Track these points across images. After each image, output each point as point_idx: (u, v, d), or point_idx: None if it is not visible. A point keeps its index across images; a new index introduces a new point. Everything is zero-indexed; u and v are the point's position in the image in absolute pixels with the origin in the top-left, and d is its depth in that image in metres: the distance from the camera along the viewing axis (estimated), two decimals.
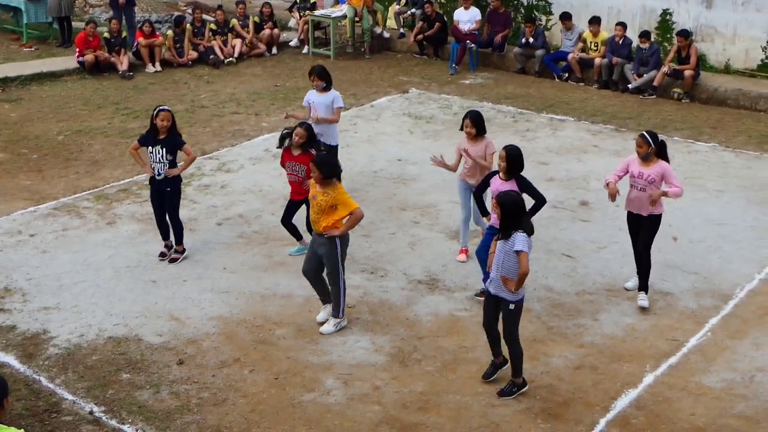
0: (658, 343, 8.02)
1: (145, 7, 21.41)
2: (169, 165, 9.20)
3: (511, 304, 7.01)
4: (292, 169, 9.33)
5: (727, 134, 13.79)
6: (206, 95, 15.69)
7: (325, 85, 10.64)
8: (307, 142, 9.20)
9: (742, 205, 11.05)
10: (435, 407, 7.08)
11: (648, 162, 8.44)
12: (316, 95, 10.66)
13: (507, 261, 6.91)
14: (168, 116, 9.11)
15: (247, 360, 7.70)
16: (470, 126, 9.10)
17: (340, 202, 7.78)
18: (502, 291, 7.00)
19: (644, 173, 8.41)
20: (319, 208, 7.81)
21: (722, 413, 7.04)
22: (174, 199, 9.36)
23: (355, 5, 18.63)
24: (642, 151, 8.43)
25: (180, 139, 9.29)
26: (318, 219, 7.86)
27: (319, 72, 10.68)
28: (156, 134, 9.16)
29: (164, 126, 9.10)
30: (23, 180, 11.69)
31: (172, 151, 9.20)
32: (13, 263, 9.37)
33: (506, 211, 6.91)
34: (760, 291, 8.99)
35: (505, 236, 6.92)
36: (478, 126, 9.13)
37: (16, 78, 16.15)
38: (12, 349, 7.82)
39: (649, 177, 8.38)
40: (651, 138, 8.46)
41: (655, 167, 8.42)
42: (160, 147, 9.13)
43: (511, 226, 6.90)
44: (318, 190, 7.82)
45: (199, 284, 8.99)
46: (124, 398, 7.15)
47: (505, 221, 6.93)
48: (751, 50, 16.26)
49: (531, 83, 16.80)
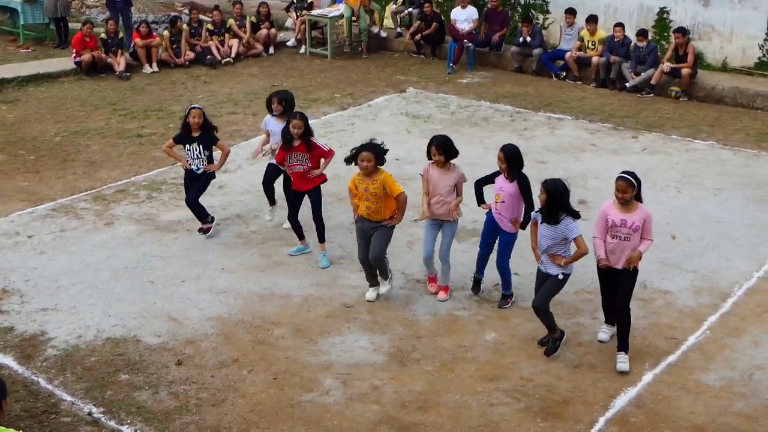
0: (657, 342, 8.02)
1: (142, 8, 21.39)
2: (207, 160, 9.77)
3: (560, 275, 7.56)
4: (295, 160, 9.21)
5: (725, 132, 13.80)
6: (203, 95, 15.67)
7: (284, 111, 9.77)
8: (306, 130, 9.17)
9: (741, 203, 11.06)
10: (434, 407, 7.07)
11: (629, 207, 7.40)
12: (275, 123, 9.82)
13: (555, 246, 7.46)
14: (199, 113, 9.60)
15: (246, 360, 7.69)
16: (437, 153, 8.20)
17: (387, 185, 8.16)
18: (551, 267, 7.57)
19: (627, 221, 7.35)
20: (376, 198, 8.17)
21: (721, 411, 7.04)
22: (202, 188, 9.97)
23: (352, 5, 18.62)
24: (627, 195, 7.33)
25: (214, 135, 9.83)
26: (379, 209, 8.23)
27: (283, 97, 9.85)
28: (190, 132, 9.62)
29: (197, 123, 9.57)
30: (20, 181, 11.68)
31: (208, 147, 9.75)
32: (11, 264, 9.35)
33: (553, 197, 7.35)
34: (759, 289, 8.99)
35: (553, 221, 7.39)
36: (447, 152, 8.24)
37: (13, 79, 16.13)
38: (10, 351, 7.80)
39: (633, 225, 7.34)
40: (634, 179, 7.36)
41: (638, 213, 7.38)
42: (196, 144, 9.65)
43: (558, 210, 7.37)
44: (367, 182, 8.16)
45: (197, 285, 8.98)
46: (123, 399, 7.14)
47: (552, 207, 7.36)
48: (748, 48, 16.27)
49: (528, 82, 16.80)
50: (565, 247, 7.50)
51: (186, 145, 9.72)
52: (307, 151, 9.15)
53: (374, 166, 8.13)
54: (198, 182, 9.92)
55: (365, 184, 8.18)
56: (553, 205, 7.37)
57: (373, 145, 8.24)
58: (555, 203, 7.36)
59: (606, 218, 7.43)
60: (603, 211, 7.48)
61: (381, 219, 8.27)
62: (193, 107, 9.71)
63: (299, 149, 9.16)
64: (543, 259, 7.59)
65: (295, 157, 9.21)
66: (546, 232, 7.48)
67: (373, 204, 8.21)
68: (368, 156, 8.09)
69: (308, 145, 9.15)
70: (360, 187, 8.25)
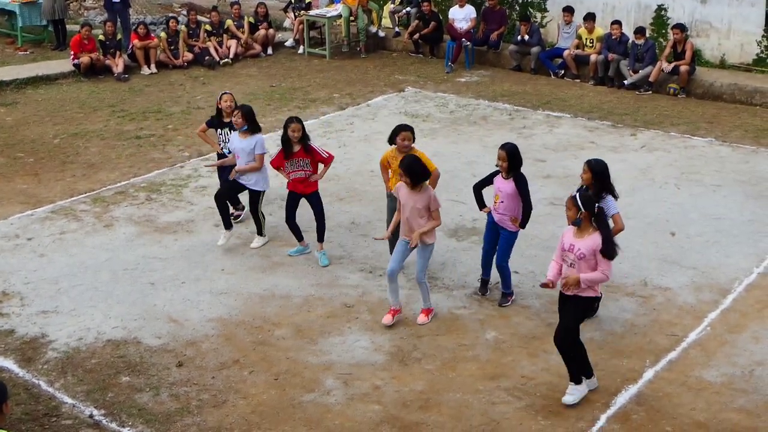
0: (657, 339, 8.02)
1: (140, 9, 21.38)
2: None
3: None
4: (297, 166, 9.22)
5: (724, 129, 13.80)
6: (202, 96, 15.67)
7: (247, 127, 9.39)
8: (304, 134, 9.16)
9: (740, 199, 11.06)
10: (435, 406, 7.07)
11: (582, 231, 6.89)
12: (238, 139, 9.46)
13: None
14: (231, 98, 9.92)
15: (247, 361, 7.69)
16: (403, 175, 7.93)
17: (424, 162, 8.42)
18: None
19: (575, 246, 6.87)
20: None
21: (722, 408, 7.04)
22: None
23: (350, 4, 18.61)
24: (570, 214, 6.89)
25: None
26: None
27: (247, 111, 9.41)
28: (221, 117, 9.92)
29: (229, 108, 9.80)
30: (20, 184, 11.67)
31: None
32: (11, 267, 9.35)
33: (597, 176, 7.74)
34: (759, 285, 8.99)
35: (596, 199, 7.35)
36: (413, 176, 7.85)
37: (11, 81, 16.12)
38: (11, 354, 7.80)
39: (579, 252, 6.85)
40: (581, 201, 6.82)
41: (588, 240, 6.81)
42: (228, 129, 9.86)
43: (602, 189, 7.74)
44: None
45: (197, 286, 8.98)
46: (124, 401, 7.14)
47: (596, 185, 7.72)
48: (746, 45, 16.27)
49: (527, 80, 16.79)
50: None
51: (217, 129, 10.00)
52: (308, 155, 9.14)
53: (411, 144, 8.72)
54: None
55: (397, 161, 8.56)
56: (597, 183, 7.74)
57: (410, 126, 8.87)
58: (599, 181, 7.74)
59: (562, 240, 7.06)
60: (564, 232, 7.09)
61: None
62: (225, 92, 10.02)
63: (299, 155, 9.15)
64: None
65: (297, 163, 9.19)
66: None
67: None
68: (407, 135, 8.70)
69: (306, 149, 9.14)
70: (394, 164, 8.73)
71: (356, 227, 10.33)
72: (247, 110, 9.46)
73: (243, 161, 9.41)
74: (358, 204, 11.00)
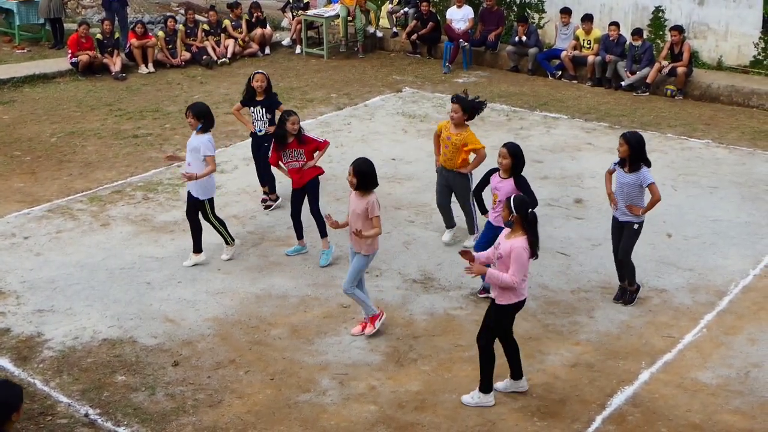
0: (653, 340, 8.03)
1: (138, 8, 21.36)
2: (269, 123, 10.32)
3: (635, 224, 8.38)
4: (291, 157, 9.27)
5: (721, 130, 13.81)
6: (199, 95, 15.64)
7: (201, 126, 9.00)
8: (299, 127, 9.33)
9: (736, 201, 11.07)
10: (431, 406, 7.07)
11: (512, 233, 6.85)
12: (193, 137, 9.09)
13: (632, 192, 8.25)
14: (263, 78, 10.28)
15: (243, 361, 7.69)
16: (350, 174, 7.73)
17: (469, 142, 9.14)
18: (628, 217, 8.34)
19: (500, 245, 6.91)
20: (454, 148, 9.13)
21: (718, 409, 7.05)
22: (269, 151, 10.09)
23: (348, 4, 18.61)
24: (504, 215, 6.92)
25: (276, 100, 10.51)
26: (453, 157, 9.20)
27: (197, 111, 8.97)
28: (254, 95, 10.31)
29: (261, 87, 10.23)
30: (16, 182, 11.66)
31: (270, 110, 10.35)
32: (7, 266, 9.34)
33: (633, 147, 8.18)
34: (755, 287, 9.00)
35: (633, 169, 8.21)
36: (361, 178, 7.66)
37: (8, 80, 16.11)
38: (6, 352, 7.80)
39: (499, 251, 6.87)
40: (514, 204, 6.76)
41: (511, 242, 6.79)
42: (260, 107, 10.32)
43: (638, 160, 8.20)
44: (452, 132, 9.15)
45: (193, 285, 8.98)
46: (120, 400, 7.13)
47: (633, 156, 8.19)
48: (743, 46, 16.29)
49: (524, 81, 16.80)
50: (641, 194, 8.29)
51: (250, 107, 10.36)
52: (301, 145, 9.20)
53: (461, 117, 9.06)
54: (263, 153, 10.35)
55: (448, 133, 9.17)
56: (634, 155, 8.18)
57: (462, 97, 9.17)
58: (635, 152, 8.18)
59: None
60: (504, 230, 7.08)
61: (453, 167, 9.25)
62: (257, 72, 10.34)
63: (293, 146, 9.22)
64: (620, 206, 8.35)
65: (290, 153, 9.25)
66: (625, 179, 8.29)
67: (449, 152, 9.22)
68: (456, 107, 9.06)
69: (300, 139, 9.20)
70: (444, 134, 9.23)
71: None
72: (197, 109, 9.02)
73: (194, 164, 8.99)
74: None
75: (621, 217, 8.43)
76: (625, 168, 8.32)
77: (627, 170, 8.30)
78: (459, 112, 9.04)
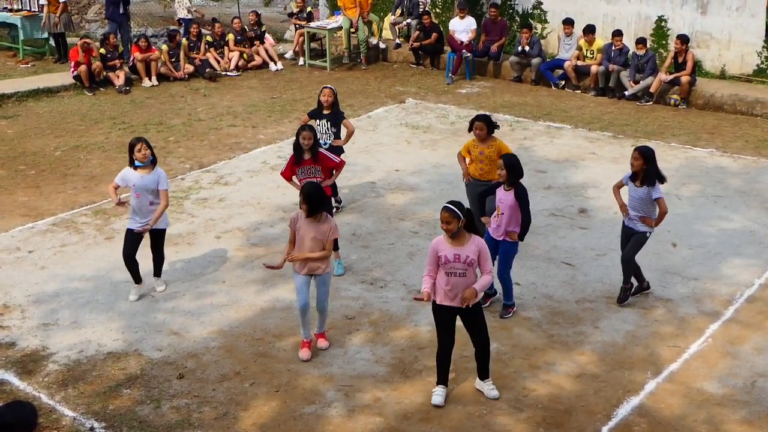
0: (659, 350, 8.01)
1: (141, 22, 21.45)
2: (334, 136, 10.55)
3: (647, 233, 8.58)
4: (308, 173, 9.20)
5: (725, 140, 13.81)
6: (203, 108, 15.70)
7: (152, 158, 8.74)
8: (315, 142, 9.19)
9: (741, 210, 11.05)
10: (437, 418, 7.06)
11: (460, 240, 6.87)
12: (137, 176, 8.65)
13: (645, 205, 8.43)
14: (330, 92, 10.54)
15: (248, 373, 7.68)
16: (302, 202, 7.53)
17: (503, 149, 9.43)
18: (640, 226, 8.52)
19: (461, 255, 6.84)
20: (489, 161, 9.40)
21: (724, 419, 7.02)
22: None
23: (351, 16, 18.68)
24: (451, 227, 6.81)
25: (342, 113, 10.73)
26: (490, 170, 9.35)
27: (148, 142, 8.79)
28: (321, 109, 10.56)
29: (328, 101, 10.49)
30: (21, 196, 11.69)
31: (336, 123, 10.57)
32: (12, 280, 9.35)
33: (649, 162, 8.32)
34: (760, 296, 8.98)
35: (648, 183, 8.35)
36: (311, 205, 7.46)
37: (12, 94, 16.17)
38: (11, 366, 7.79)
39: (468, 258, 6.85)
40: (458, 209, 6.80)
41: (470, 245, 6.86)
42: (325, 120, 10.52)
43: (652, 175, 8.33)
44: (482, 147, 9.48)
45: (198, 298, 8.97)
46: (125, 414, 7.12)
47: (648, 171, 8.33)
48: (746, 55, 16.31)
49: (527, 91, 16.83)
50: (653, 207, 8.42)
51: (317, 120, 10.52)
52: (317, 162, 9.16)
53: (486, 133, 9.42)
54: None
55: (480, 148, 9.48)
56: (649, 169, 8.32)
57: (484, 115, 9.60)
58: (650, 167, 8.32)
59: (437, 254, 6.91)
60: (433, 246, 6.95)
61: (490, 179, 9.23)
62: (325, 87, 10.63)
63: (308, 162, 9.17)
64: (632, 216, 8.51)
65: (308, 170, 9.20)
66: (637, 194, 8.43)
67: (486, 165, 9.42)
68: (480, 125, 9.42)
69: (315, 156, 9.15)
70: (474, 152, 9.53)
71: (357, 239, 10.33)
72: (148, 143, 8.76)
73: (145, 200, 8.68)
74: (359, 215, 11.01)
75: (631, 225, 8.60)
76: (637, 182, 8.42)
77: (638, 184, 8.41)
78: (484, 129, 9.41)
